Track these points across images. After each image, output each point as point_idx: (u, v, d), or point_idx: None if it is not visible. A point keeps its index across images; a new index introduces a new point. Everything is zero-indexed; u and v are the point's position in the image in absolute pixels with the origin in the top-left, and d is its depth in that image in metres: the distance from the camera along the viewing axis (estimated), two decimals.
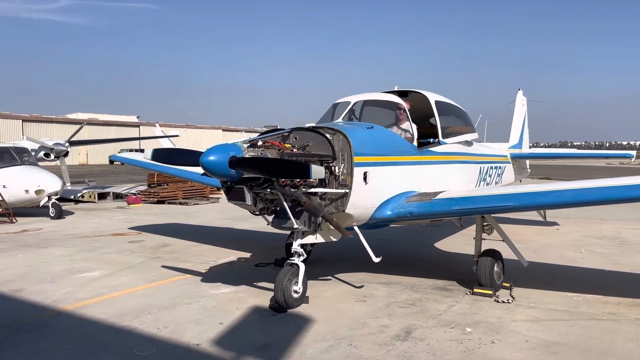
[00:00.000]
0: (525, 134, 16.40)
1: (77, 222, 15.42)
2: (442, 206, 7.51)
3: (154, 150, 7.33)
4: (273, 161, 6.23)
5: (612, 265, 9.57)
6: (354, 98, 8.54)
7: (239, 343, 5.64)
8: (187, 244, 11.79)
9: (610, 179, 6.91)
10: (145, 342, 5.65)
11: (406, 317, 6.53)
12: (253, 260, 9.93)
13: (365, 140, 7.26)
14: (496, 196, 7.66)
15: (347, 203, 6.94)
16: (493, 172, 11.80)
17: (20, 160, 16.41)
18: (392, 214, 7.58)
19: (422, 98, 9.29)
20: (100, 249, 11.10)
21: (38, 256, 10.33)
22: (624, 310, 6.78)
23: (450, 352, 5.37)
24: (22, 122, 65.32)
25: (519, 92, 16.78)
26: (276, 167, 6.12)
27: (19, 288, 7.88)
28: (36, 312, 6.76)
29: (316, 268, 8.78)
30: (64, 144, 20.08)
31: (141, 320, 6.34)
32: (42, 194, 15.83)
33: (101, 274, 8.84)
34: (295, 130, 7.04)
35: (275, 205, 6.84)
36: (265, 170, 6.16)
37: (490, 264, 7.61)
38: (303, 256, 7.06)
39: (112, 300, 7.26)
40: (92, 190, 22.41)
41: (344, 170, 6.92)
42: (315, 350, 5.42)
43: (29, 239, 12.53)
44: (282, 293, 6.59)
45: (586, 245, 11.65)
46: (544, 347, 5.52)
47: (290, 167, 6.07)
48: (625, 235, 13.01)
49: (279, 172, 6.14)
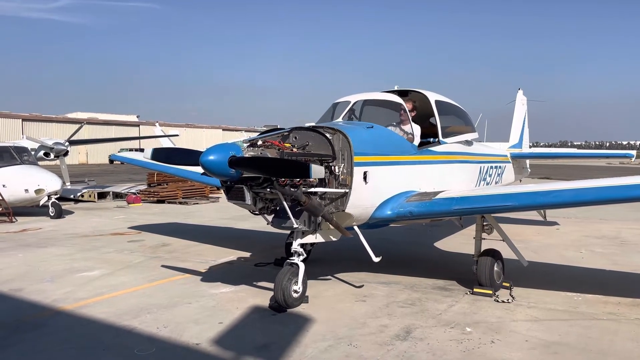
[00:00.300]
0: (526, 134, 16.39)
1: (77, 222, 15.42)
2: (442, 206, 7.51)
3: (153, 150, 7.32)
4: (273, 161, 6.23)
5: (612, 265, 9.57)
6: (354, 98, 8.54)
7: (239, 343, 5.63)
8: (186, 243, 11.79)
9: (609, 179, 6.90)
10: (144, 342, 5.64)
11: (406, 316, 6.53)
12: (253, 259, 9.93)
13: (365, 139, 7.26)
14: (496, 196, 7.66)
15: (347, 203, 6.94)
16: (493, 171, 11.79)
17: (20, 160, 16.41)
18: (392, 214, 7.58)
19: (422, 97, 9.29)
20: (100, 249, 11.09)
21: (38, 255, 10.33)
22: (624, 310, 6.78)
23: (450, 352, 5.37)
24: (22, 121, 65.31)
25: (519, 92, 16.77)
26: (276, 166, 6.12)
27: (18, 287, 7.88)
28: (36, 311, 6.76)
29: (316, 268, 8.78)
30: (63, 143, 20.08)
31: (141, 320, 6.34)
32: (42, 194, 15.82)
33: (101, 273, 8.84)
34: (295, 130, 7.04)
35: (275, 204, 6.84)
36: (265, 170, 6.15)
37: (490, 264, 7.61)
38: (303, 256, 7.06)
39: (111, 299, 7.26)
40: (91, 190, 22.40)
41: (343, 170, 6.92)
42: (315, 350, 5.42)
43: (29, 238, 12.53)
44: (282, 293, 6.59)
45: (586, 245, 11.65)
46: (543, 347, 5.52)
47: (290, 167, 6.07)
48: (625, 235, 13.01)
49: (279, 172, 6.14)
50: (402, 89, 9.45)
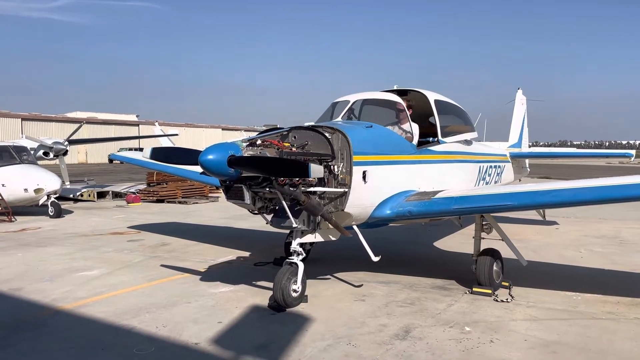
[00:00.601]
0: (525, 133, 16.39)
1: (76, 221, 15.41)
2: (441, 205, 7.51)
3: (152, 149, 7.32)
4: (272, 160, 6.23)
5: (611, 264, 9.57)
6: (353, 97, 8.54)
7: (238, 342, 5.63)
8: (186, 243, 11.79)
9: (608, 179, 6.90)
10: (144, 341, 5.64)
11: (405, 316, 6.53)
12: (252, 259, 9.93)
13: (364, 139, 7.26)
14: (495, 195, 7.66)
15: (346, 202, 6.93)
16: (492, 171, 11.79)
17: (19, 159, 16.40)
18: (391, 213, 7.58)
19: (421, 97, 9.28)
20: (99, 248, 11.09)
21: (37, 255, 10.33)
22: (623, 310, 6.79)
23: (449, 351, 5.37)
24: (22, 120, 65.26)
25: (519, 91, 16.78)
26: (275, 166, 6.12)
27: (18, 287, 7.88)
28: (35, 310, 6.76)
29: (315, 267, 8.78)
30: (63, 142, 20.07)
31: (140, 319, 6.34)
32: (41, 193, 15.81)
33: (100, 272, 8.84)
34: (294, 129, 7.04)
35: (274, 204, 6.84)
36: (264, 170, 6.16)
37: (490, 263, 7.61)
38: (302, 255, 7.07)
39: (111, 299, 7.26)
40: (91, 189, 22.38)
41: (343, 169, 6.92)
42: (314, 349, 5.42)
43: (28, 237, 12.53)
44: (281, 292, 6.59)
45: (585, 244, 11.65)
46: (542, 347, 5.52)
47: (289, 166, 6.07)
48: (625, 235, 13.02)
49: (278, 171, 6.14)
50: (401, 88, 9.45)
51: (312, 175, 5.91)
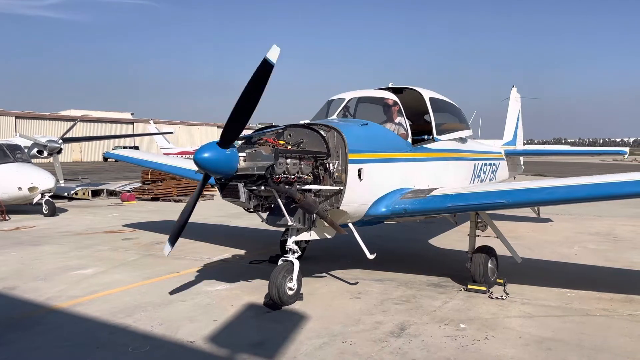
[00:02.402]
0: (519, 131, 16.43)
1: (71, 220, 15.35)
2: (437, 203, 7.53)
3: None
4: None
5: (605, 261, 9.62)
6: (349, 95, 8.55)
7: (234, 340, 5.63)
8: (181, 241, 11.64)
9: (603, 176, 6.93)
10: (139, 339, 5.64)
11: (400, 313, 6.55)
12: (247, 257, 9.92)
13: (359, 136, 7.26)
14: (490, 193, 7.67)
15: (341, 200, 6.94)
16: (487, 168, 11.82)
17: (13, 158, 16.32)
18: (386, 211, 7.59)
19: (416, 95, 9.29)
20: (94, 247, 11.06)
21: (31, 253, 10.29)
22: (617, 306, 6.82)
23: (444, 348, 5.39)
24: (15, 118, 65.02)
25: (513, 89, 16.81)
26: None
27: (12, 285, 7.85)
28: (30, 309, 6.73)
29: (311, 265, 8.79)
30: (57, 141, 20.02)
31: (135, 318, 6.32)
32: (36, 191, 15.75)
33: (95, 271, 8.82)
34: (290, 127, 7.03)
35: (270, 202, 6.84)
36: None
37: (484, 261, 7.63)
38: (297, 253, 7.07)
39: (106, 297, 7.24)
40: (85, 188, 22.30)
41: (338, 167, 6.92)
42: (309, 346, 5.42)
43: (22, 236, 12.48)
44: (277, 290, 6.59)
45: (579, 241, 11.70)
46: (537, 343, 5.54)
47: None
48: (619, 232, 13.08)
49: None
50: (396, 86, 9.46)
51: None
